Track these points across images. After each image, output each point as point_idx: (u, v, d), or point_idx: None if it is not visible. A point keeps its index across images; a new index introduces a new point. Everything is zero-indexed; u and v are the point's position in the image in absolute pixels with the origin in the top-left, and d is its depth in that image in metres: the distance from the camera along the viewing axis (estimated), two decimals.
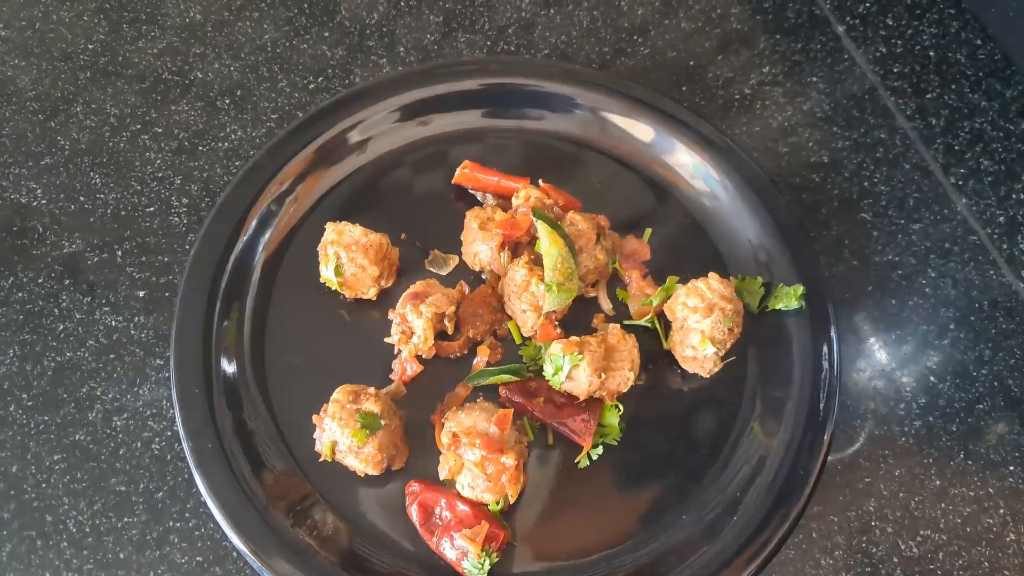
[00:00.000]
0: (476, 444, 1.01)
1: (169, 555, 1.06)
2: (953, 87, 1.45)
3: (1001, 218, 1.34)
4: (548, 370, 1.09)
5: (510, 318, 1.17)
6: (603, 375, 1.07)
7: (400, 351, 1.12)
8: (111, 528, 1.07)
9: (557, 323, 1.14)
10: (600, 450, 1.10)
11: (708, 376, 1.14)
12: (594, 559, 1.04)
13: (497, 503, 1.03)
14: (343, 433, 1.02)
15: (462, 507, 1.02)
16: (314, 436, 1.07)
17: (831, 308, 1.16)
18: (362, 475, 1.06)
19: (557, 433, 1.11)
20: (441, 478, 1.05)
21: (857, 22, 1.51)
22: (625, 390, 1.10)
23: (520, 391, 1.11)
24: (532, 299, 1.13)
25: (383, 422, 1.04)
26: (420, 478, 1.06)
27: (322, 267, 1.14)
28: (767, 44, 1.48)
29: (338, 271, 1.13)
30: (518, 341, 1.17)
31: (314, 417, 1.06)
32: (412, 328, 1.10)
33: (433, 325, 1.10)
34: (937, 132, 1.41)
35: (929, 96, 1.44)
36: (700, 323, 1.10)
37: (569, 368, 1.06)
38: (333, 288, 1.16)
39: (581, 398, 1.09)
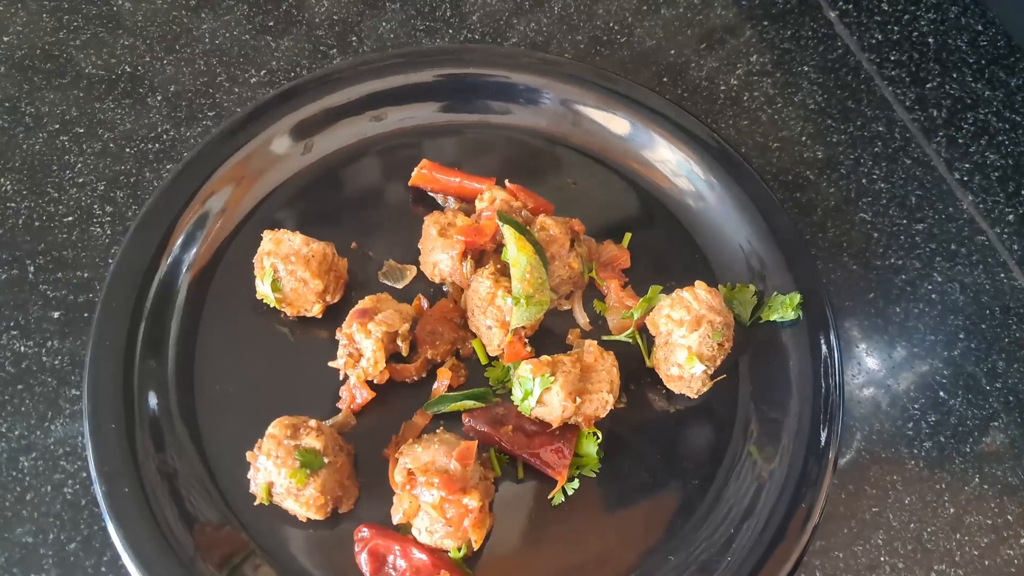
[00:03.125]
0: (434, 483, 0.89)
1: None
2: (954, 75, 1.34)
3: (1011, 216, 1.23)
4: (517, 394, 0.96)
5: (474, 336, 1.05)
6: (578, 399, 0.95)
7: (348, 376, 0.99)
8: None
9: (527, 340, 1.02)
10: (576, 484, 0.97)
11: (696, 397, 1.02)
12: None
13: (459, 549, 0.90)
14: (280, 473, 0.89)
15: (418, 555, 0.89)
16: (248, 476, 0.93)
17: (830, 318, 1.05)
18: (304, 520, 0.93)
19: (528, 466, 0.98)
20: (395, 522, 0.92)
21: (850, 7, 1.40)
22: (603, 415, 0.97)
23: (486, 419, 0.98)
24: (498, 314, 1.00)
25: (326, 460, 0.91)
26: (372, 522, 0.93)
27: (258, 281, 1.01)
28: (754, 32, 1.37)
29: (275, 286, 0.99)
30: (483, 361, 1.04)
31: (248, 454, 0.92)
32: (360, 350, 0.97)
33: (384, 346, 0.97)
34: (939, 124, 1.30)
35: (929, 85, 1.33)
36: (686, 338, 0.98)
37: (540, 392, 0.94)
38: (272, 305, 1.03)
39: (554, 425, 0.96)
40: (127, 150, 1.20)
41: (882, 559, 1.00)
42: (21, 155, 1.18)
